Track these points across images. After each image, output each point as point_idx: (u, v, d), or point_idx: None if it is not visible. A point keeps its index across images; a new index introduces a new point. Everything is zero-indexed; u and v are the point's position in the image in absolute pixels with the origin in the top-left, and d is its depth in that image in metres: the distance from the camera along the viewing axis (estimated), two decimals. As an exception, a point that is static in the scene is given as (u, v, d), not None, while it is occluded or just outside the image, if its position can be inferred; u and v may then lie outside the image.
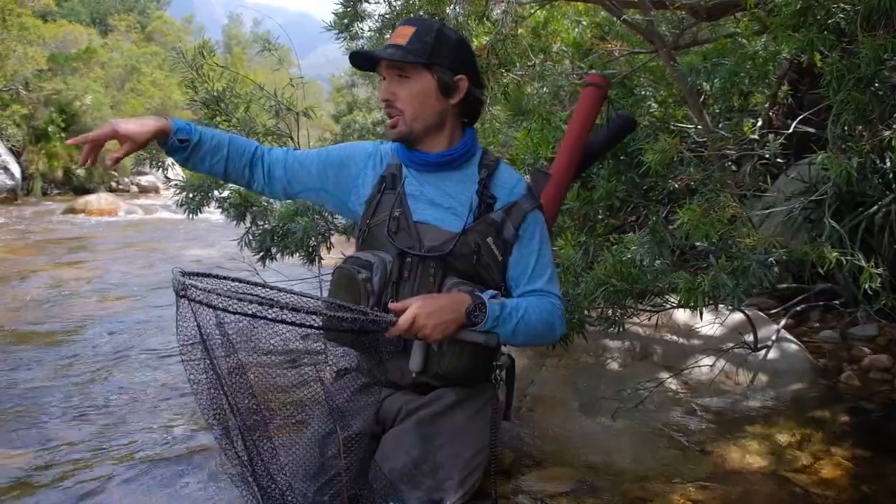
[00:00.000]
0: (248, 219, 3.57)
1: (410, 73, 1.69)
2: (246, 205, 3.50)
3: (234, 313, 1.28)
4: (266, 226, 3.55)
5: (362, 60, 1.76)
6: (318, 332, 1.40)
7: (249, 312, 1.27)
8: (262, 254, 3.56)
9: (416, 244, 1.70)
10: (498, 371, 1.86)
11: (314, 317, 1.33)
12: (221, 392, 1.40)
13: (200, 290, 1.28)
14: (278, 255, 3.59)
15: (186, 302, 1.30)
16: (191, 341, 1.36)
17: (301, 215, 3.35)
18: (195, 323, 1.33)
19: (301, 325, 1.33)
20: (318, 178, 1.86)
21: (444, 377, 1.71)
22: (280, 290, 1.50)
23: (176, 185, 3.57)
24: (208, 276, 1.41)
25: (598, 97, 2.33)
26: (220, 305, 1.27)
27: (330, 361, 1.69)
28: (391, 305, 1.56)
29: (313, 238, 3.42)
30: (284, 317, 1.30)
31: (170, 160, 3.51)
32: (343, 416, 1.59)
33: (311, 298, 1.48)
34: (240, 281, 1.47)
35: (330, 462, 1.58)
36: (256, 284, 1.48)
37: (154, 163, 3.50)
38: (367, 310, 1.54)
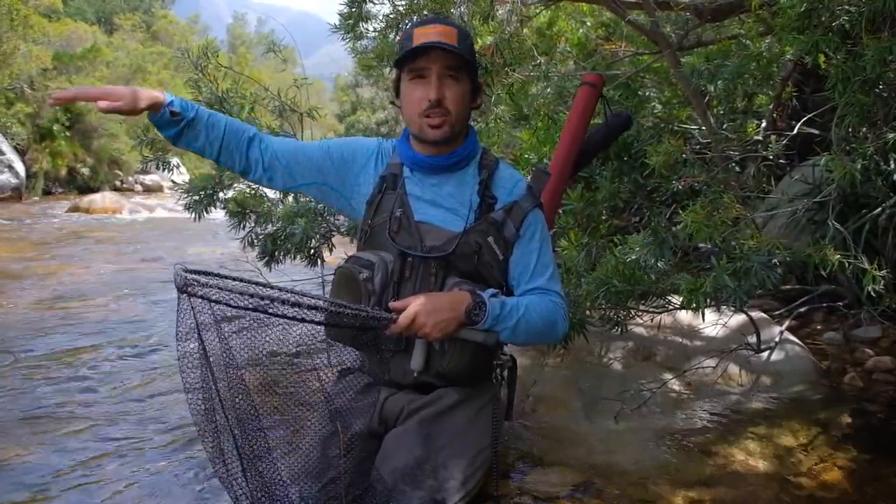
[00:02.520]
0: (252, 220, 3.58)
1: (460, 75, 1.68)
2: (244, 210, 3.51)
3: (235, 307, 1.28)
4: (268, 230, 3.56)
5: (408, 57, 1.66)
6: (318, 327, 1.41)
7: (250, 307, 1.28)
8: (266, 258, 3.57)
9: (418, 244, 1.70)
10: (499, 370, 1.86)
11: (314, 311, 1.34)
12: (215, 391, 1.40)
13: (202, 285, 1.28)
14: (281, 257, 3.60)
15: (187, 298, 1.31)
16: (189, 339, 1.36)
17: (301, 216, 3.35)
18: (194, 320, 1.33)
19: (301, 320, 1.33)
20: (318, 170, 1.83)
21: (445, 376, 1.71)
22: (282, 289, 1.51)
23: (181, 188, 3.59)
24: (211, 274, 1.42)
25: (594, 96, 2.34)
26: (222, 300, 1.28)
27: (332, 361, 1.69)
28: (392, 304, 1.56)
29: (313, 239, 3.42)
30: (285, 312, 1.30)
31: (175, 160, 3.53)
32: (345, 416, 1.60)
33: (312, 297, 1.49)
34: (242, 280, 1.48)
35: (332, 462, 1.59)
36: (259, 284, 1.49)
37: (159, 164, 3.51)
38: (367, 308, 1.54)
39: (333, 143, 1.88)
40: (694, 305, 2.11)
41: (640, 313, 2.71)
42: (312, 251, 3.53)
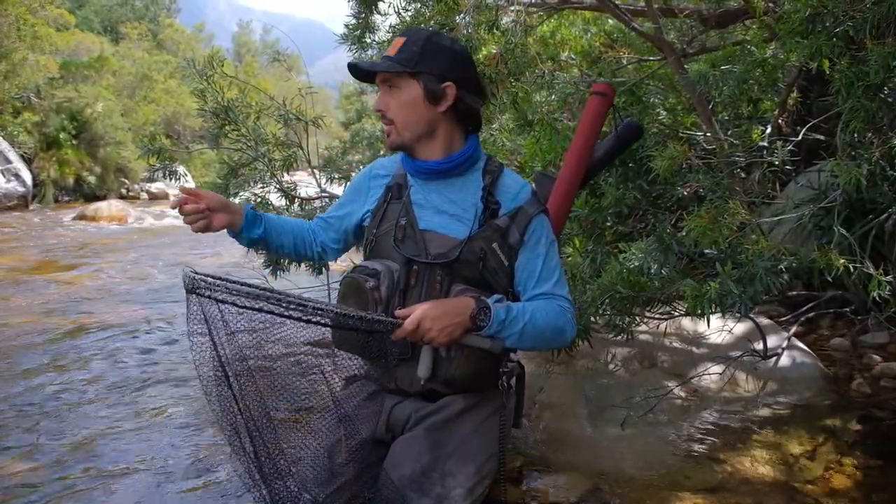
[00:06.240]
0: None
1: (399, 83, 1.71)
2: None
3: (243, 308, 1.30)
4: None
5: (361, 72, 1.79)
6: (326, 332, 1.41)
7: (258, 307, 1.30)
8: (271, 266, 3.58)
9: (423, 252, 1.71)
10: (505, 378, 1.84)
11: (321, 313, 1.35)
12: (230, 391, 1.41)
13: (210, 286, 1.30)
14: (287, 265, 3.61)
15: (196, 299, 1.32)
16: (200, 339, 1.37)
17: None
18: (204, 320, 1.35)
19: (308, 322, 1.34)
20: (353, 213, 1.90)
21: (452, 383, 1.71)
22: (289, 294, 1.51)
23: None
24: (219, 278, 1.43)
25: (604, 106, 2.32)
26: (229, 300, 1.30)
27: (339, 368, 1.69)
28: (397, 312, 1.56)
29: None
30: (292, 313, 1.31)
31: (181, 169, 3.55)
32: (351, 422, 1.60)
33: (323, 304, 1.49)
34: (250, 285, 1.49)
35: (339, 469, 1.59)
36: (266, 289, 1.49)
37: (165, 172, 3.53)
38: (373, 314, 1.55)
39: (348, 189, 1.96)
40: (699, 311, 2.11)
41: (645, 320, 2.70)
42: (317, 258, 3.53)
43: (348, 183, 2.02)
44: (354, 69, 1.79)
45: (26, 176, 17.11)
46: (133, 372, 3.43)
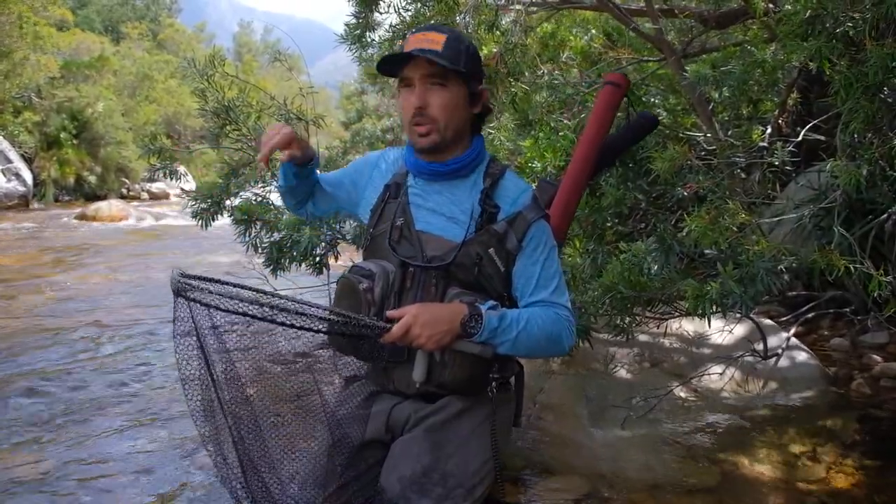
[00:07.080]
0: (257, 227, 3.59)
1: (447, 82, 1.65)
2: (250, 218, 3.53)
3: (228, 311, 1.28)
4: (273, 238, 3.57)
5: (389, 65, 1.69)
6: (317, 334, 1.40)
7: (242, 311, 1.28)
8: (271, 266, 3.59)
9: (418, 254, 1.69)
10: (494, 383, 1.82)
11: (311, 319, 1.34)
12: (215, 395, 1.39)
13: (197, 289, 1.29)
14: (287, 265, 3.61)
15: (184, 301, 1.31)
16: (187, 342, 1.36)
17: (306, 224, 3.36)
18: (192, 323, 1.33)
19: (291, 326, 1.33)
20: (347, 195, 1.91)
21: (446, 387, 1.70)
22: (282, 296, 1.50)
23: (189, 195, 3.61)
24: (209, 280, 1.41)
25: (617, 96, 2.29)
26: (214, 304, 1.28)
27: (339, 369, 1.69)
28: (388, 313, 1.55)
29: (318, 247, 3.44)
30: (275, 317, 1.30)
31: (182, 169, 3.55)
32: (345, 426, 1.59)
33: (311, 305, 1.48)
34: (242, 287, 1.48)
35: (332, 474, 1.59)
36: (260, 291, 1.48)
37: (166, 172, 3.54)
38: (364, 317, 1.53)
39: (351, 164, 1.96)
40: (700, 311, 2.11)
41: (646, 320, 2.70)
42: (318, 259, 3.54)
43: (359, 159, 2.01)
44: (388, 61, 1.68)
45: (27, 175, 17.13)
46: (130, 372, 3.43)
